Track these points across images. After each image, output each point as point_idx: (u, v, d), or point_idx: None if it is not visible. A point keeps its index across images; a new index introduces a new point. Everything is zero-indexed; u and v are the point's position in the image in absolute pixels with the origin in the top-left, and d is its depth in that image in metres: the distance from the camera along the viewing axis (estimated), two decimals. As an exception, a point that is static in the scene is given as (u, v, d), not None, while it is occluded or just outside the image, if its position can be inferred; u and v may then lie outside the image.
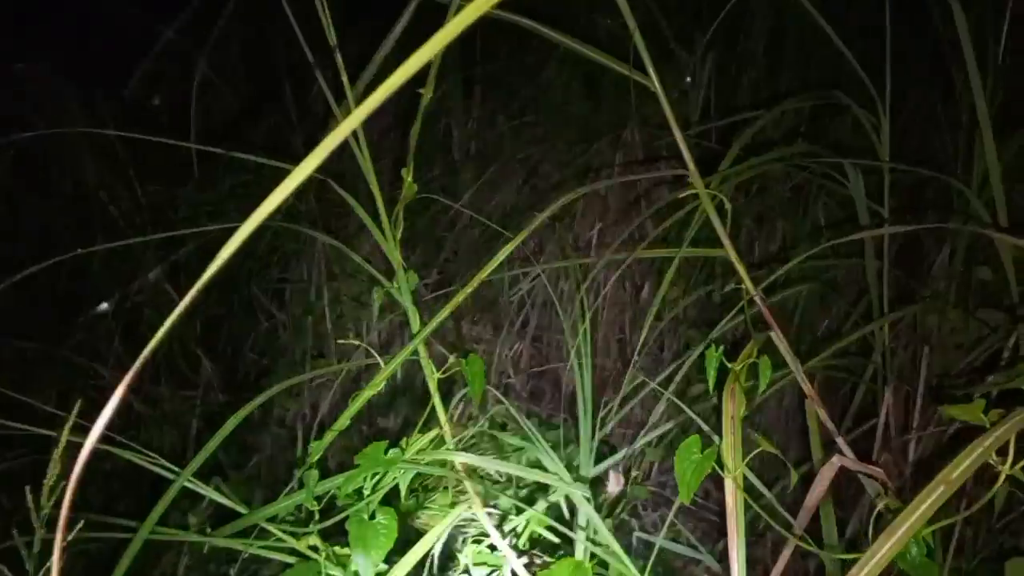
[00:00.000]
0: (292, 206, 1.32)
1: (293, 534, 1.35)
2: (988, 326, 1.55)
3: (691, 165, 1.08)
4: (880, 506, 0.91)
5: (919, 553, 0.81)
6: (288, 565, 1.37)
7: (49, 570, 0.91)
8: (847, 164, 1.45)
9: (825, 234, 1.16)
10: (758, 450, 0.96)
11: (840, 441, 1.16)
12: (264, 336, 1.96)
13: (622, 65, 1.17)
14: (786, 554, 1.04)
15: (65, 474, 0.91)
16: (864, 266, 1.51)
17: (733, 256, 1.11)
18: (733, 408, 1.00)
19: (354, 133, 1.11)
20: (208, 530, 1.32)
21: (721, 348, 1.06)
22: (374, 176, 1.13)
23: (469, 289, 1.16)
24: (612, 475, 1.31)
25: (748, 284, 1.13)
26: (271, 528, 1.33)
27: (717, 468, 0.97)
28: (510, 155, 2.38)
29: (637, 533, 1.67)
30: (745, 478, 1.13)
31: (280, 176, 0.45)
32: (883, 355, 1.57)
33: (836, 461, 1.12)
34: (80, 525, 0.90)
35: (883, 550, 0.75)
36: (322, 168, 0.45)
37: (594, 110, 2.29)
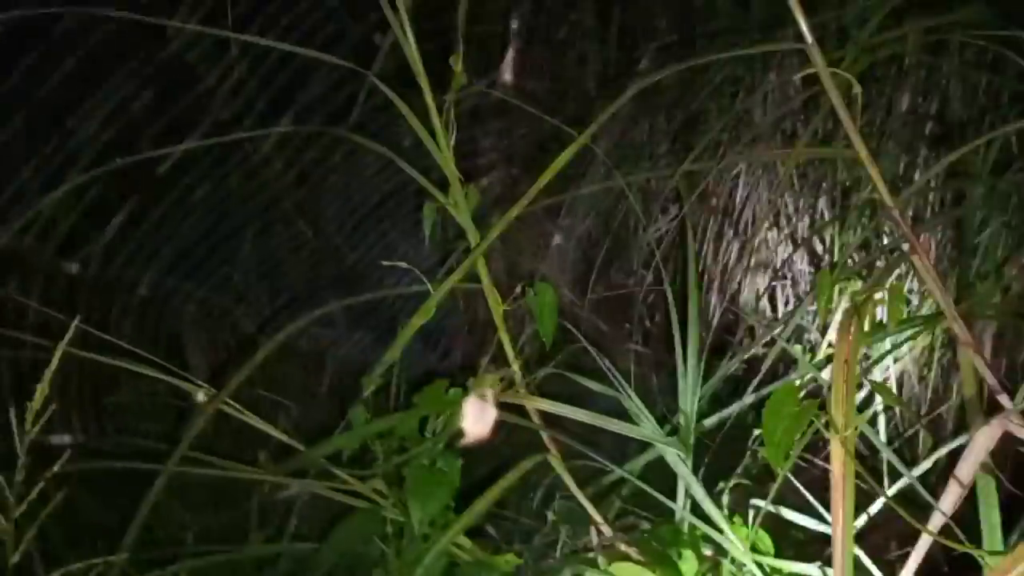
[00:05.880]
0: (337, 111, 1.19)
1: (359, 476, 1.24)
2: None
3: (806, 32, 0.83)
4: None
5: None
6: (350, 508, 1.28)
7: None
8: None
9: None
10: (872, 409, 0.72)
11: (1006, 400, 0.88)
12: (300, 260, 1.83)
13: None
14: (920, 549, 0.80)
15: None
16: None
17: (863, 154, 0.85)
18: (848, 350, 0.75)
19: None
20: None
21: (836, 273, 0.81)
22: (421, 65, 0.96)
23: (535, 190, 0.97)
24: (471, 406, 1.05)
25: (882, 191, 0.87)
26: (334, 469, 1.23)
27: (821, 428, 0.74)
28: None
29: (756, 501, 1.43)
30: (868, 443, 0.89)
31: None
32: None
33: (997, 424, 0.86)
34: (67, 455, 0.81)
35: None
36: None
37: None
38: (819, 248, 1.77)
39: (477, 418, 1.05)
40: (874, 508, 1.09)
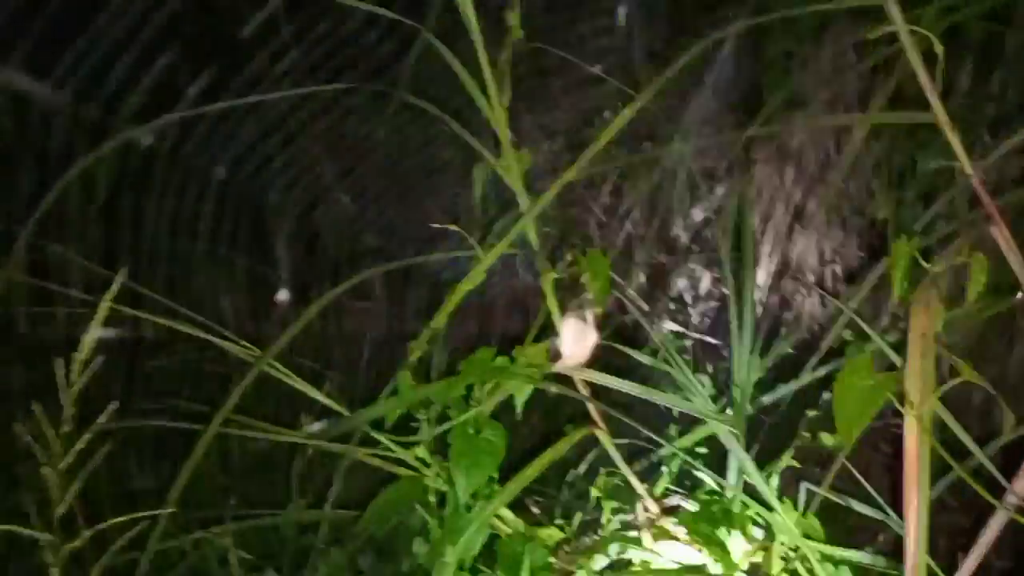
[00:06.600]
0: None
1: (402, 444, 1.23)
2: None
3: (886, -14, 0.78)
4: None
5: None
6: (392, 476, 1.26)
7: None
8: None
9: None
10: (956, 380, 0.68)
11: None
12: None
13: None
14: (993, 527, 0.76)
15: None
16: None
17: (942, 119, 0.81)
18: (925, 322, 0.71)
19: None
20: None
21: (914, 240, 0.77)
22: (475, 21, 0.93)
23: (590, 154, 0.94)
24: (570, 326, 1.00)
25: (963, 158, 0.82)
26: (378, 436, 1.22)
27: (895, 402, 0.71)
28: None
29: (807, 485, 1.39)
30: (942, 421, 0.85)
31: None
32: None
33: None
34: (113, 407, 0.80)
35: None
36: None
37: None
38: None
39: (576, 339, 1.00)
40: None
